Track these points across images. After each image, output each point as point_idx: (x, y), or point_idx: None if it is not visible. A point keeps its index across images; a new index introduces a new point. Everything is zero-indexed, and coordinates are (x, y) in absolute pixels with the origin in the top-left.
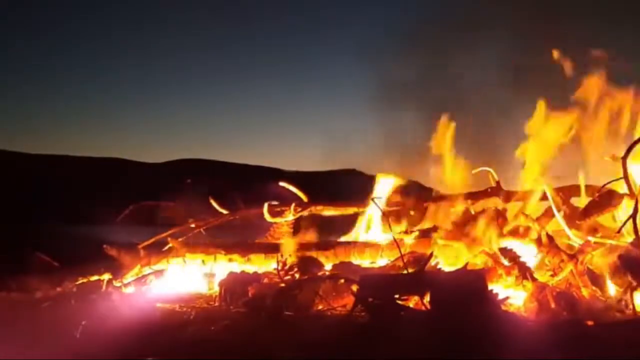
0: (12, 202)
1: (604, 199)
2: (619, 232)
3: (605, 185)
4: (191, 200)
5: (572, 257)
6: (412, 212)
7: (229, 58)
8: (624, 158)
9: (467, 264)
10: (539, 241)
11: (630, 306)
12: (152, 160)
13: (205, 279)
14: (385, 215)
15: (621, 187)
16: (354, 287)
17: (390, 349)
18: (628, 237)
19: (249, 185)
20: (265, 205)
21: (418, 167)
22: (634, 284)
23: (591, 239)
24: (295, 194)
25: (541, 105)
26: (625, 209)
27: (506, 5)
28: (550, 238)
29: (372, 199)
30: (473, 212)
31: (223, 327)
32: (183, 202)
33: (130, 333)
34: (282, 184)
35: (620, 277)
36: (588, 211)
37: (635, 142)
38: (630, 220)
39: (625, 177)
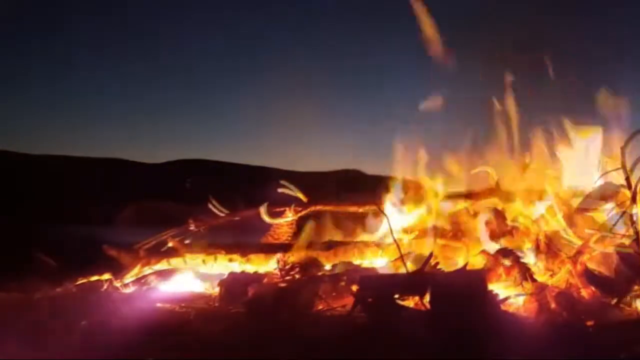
0: (12, 202)
1: (601, 191)
2: (614, 225)
3: (602, 175)
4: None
5: (571, 258)
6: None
7: (230, 58)
8: (623, 148)
9: (467, 263)
10: (537, 244)
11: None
12: (152, 160)
13: (203, 281)
14: (386, 216)
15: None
16: (354, 287)
17: (390, 349)
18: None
19: (249, 185)
20: (264, 205)
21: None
22: (636, 287)
23: (589, 231)
24: (295, 194)
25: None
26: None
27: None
28: (548, 241)
29: (373, 200)
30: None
31: (223, 327)
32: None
33: (131, 333)
34: (282, 182)
35: (621, 276)
36: (585, 204)
37: (635, 133)
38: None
39: (624, 167)
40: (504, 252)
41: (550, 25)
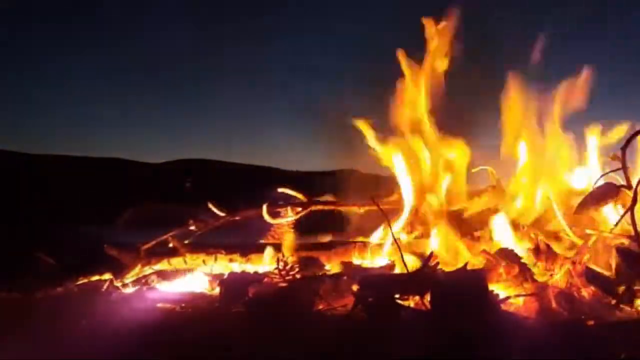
0: (12, 202)
1: (601, 191)
2: (616, 225)
3: (602, 176)
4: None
5: (571, 258)
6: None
7: (229, 57)
8: (624, 149)
9: (467, 263)
10: (536, 248)
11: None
12: (152, 160)
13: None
14: (386, 215)
15: None
16: (354, 287)
17: (390, 349)
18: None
19: (250, 185)
20: (264, 206)
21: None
22: (636, 286)
23: (589, 231)
24: (295, 195)
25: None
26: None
27: None
28: (547, 245)
29: (373, 199)
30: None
31: (223, 327)
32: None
33: (130, 333)
34: (280, 190)
35: (622, 273)
36: (585, 204)
37: (636, 133)
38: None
39: (624, 168)
40: (504, 253)
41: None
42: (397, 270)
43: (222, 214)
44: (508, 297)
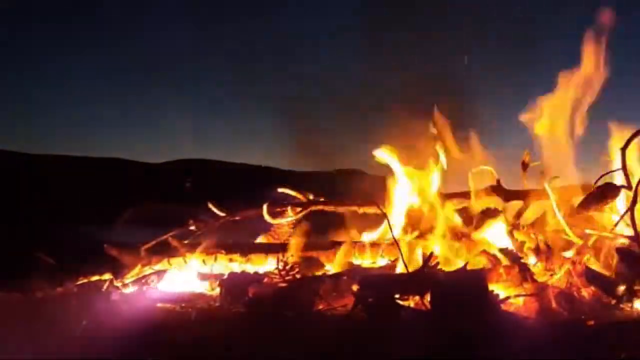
0: (12, 202)
1: (602, 191)
2: (616, 225)
3: (602, 176)
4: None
5: (571, 258)
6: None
7: (229, 57)
8: (624, 149)
9: (467, 263)
10: (537, 248)
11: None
12: (152, 160)
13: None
14: (386, 216)
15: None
16: (354, 287)
17: (390, 349)
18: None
19: (250, 185)
20: (265, 206)
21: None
22: (636, 286)
23: (589, 231)
24: (295, 194)
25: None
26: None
27: None
28: (547, 245)
29: (374, 200)
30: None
31: (223, 327)
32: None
33: (130, 333)
34: (280, 190)
35: (622, 273)
36: (585, 204)
37: (636, 134)
38: (628, 213)
39: (624, 168)
40: (505, 253)
41: None
42: (398, 270)
43: (222, 214)
44: (508, 297)
